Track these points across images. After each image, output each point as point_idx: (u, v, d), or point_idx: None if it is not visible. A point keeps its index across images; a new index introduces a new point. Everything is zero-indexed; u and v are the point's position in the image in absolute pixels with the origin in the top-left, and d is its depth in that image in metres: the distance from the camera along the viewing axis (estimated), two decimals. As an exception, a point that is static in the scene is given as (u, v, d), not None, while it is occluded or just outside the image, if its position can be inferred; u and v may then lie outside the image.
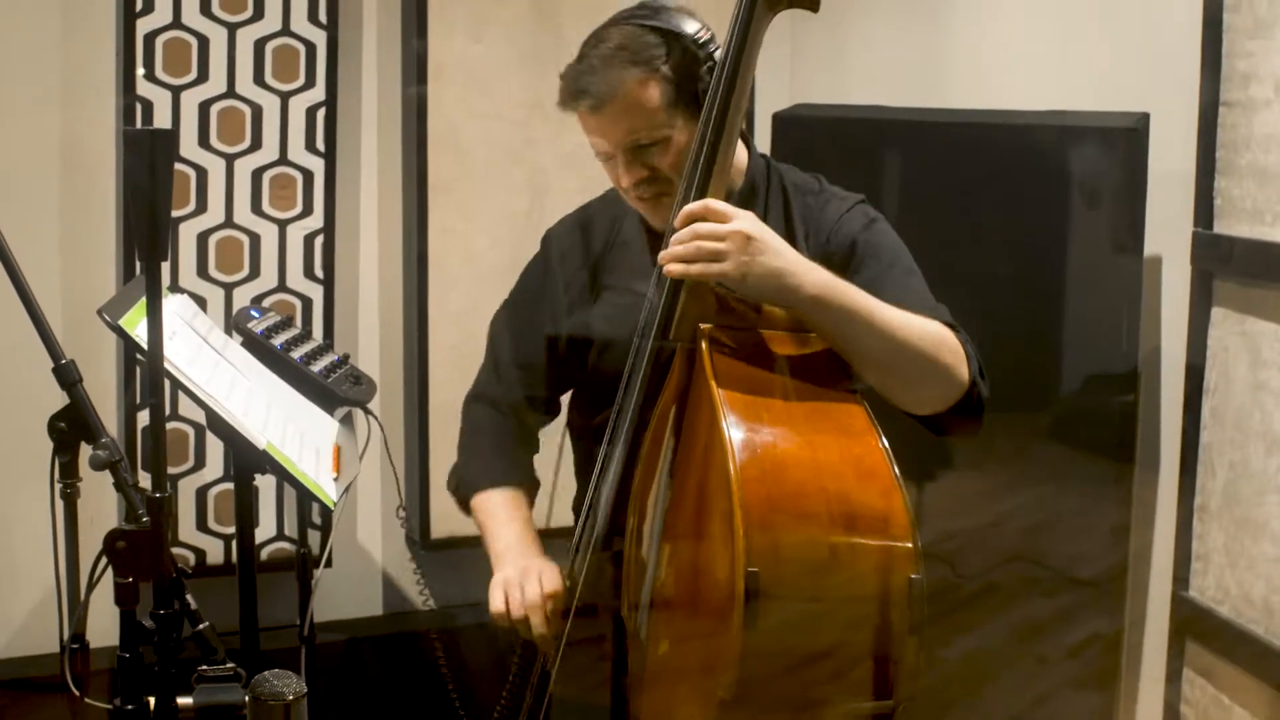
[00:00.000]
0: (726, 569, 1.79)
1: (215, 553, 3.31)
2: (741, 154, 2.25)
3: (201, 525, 3.29)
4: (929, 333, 2.02)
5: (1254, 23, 2.66)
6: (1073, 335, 3.08)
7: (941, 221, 3.12)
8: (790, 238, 2.15)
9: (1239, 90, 2.71)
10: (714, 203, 1.97)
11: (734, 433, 1.85)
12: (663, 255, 1.98)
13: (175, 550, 3.26)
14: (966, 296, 2.77)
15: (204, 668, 1.85)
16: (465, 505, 2.46)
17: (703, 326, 1.97)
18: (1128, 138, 2.93)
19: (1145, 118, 2.93)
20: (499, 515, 2.36)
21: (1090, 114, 3.01)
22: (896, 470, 1.88)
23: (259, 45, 3.23)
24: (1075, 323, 3.07)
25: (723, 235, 1.92)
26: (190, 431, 3.23)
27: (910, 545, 1.85)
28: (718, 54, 2.13)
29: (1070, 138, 3.03)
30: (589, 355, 2.41)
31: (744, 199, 2.21)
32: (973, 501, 3.20)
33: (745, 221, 1.94)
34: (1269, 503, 2.68)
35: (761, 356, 1.97)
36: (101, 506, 2.07)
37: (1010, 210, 3.07)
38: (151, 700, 1.86)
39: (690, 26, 2.16)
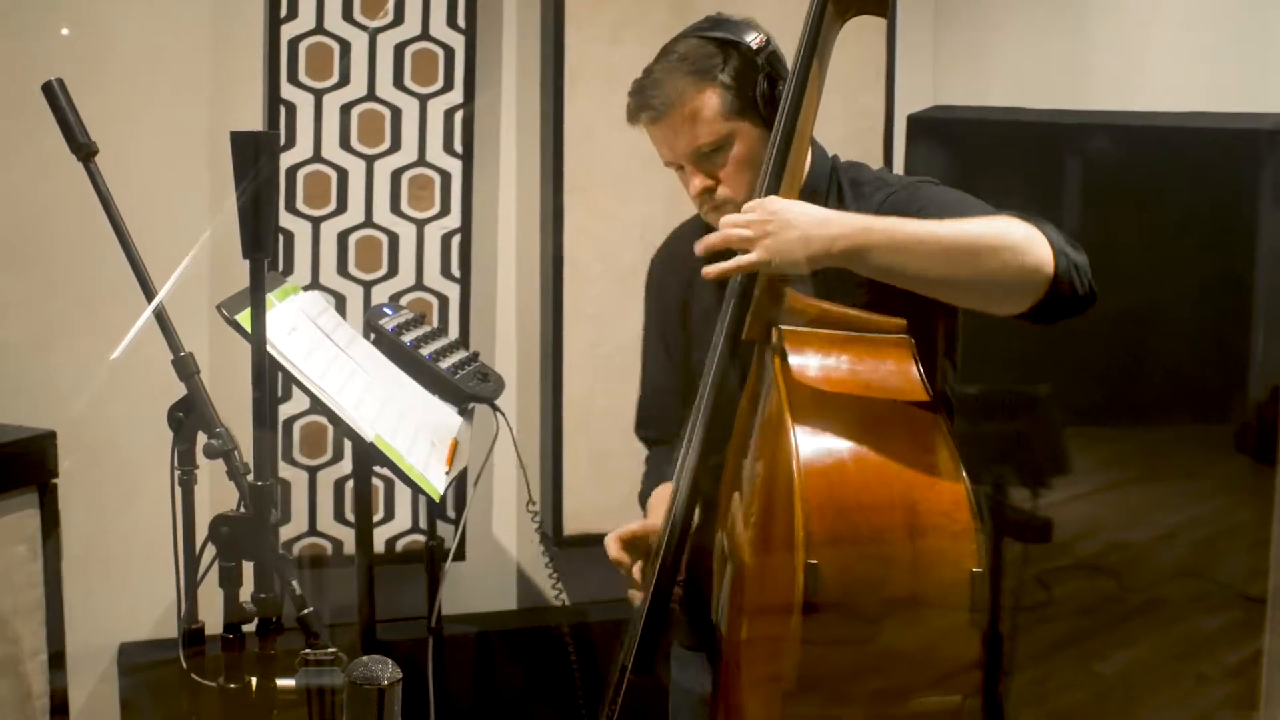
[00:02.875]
0: (788, 562, 1.82)
1: (351, 543, 3.39)
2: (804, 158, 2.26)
3: (339, 516, 3.38)
4: (989, 228, 1.97)
5: (1397, 21, 2.58)
6: (1226, 344, 3.00)
7: (1082, 226, 3.07)
8: None
9: (1383, 91, 2.63)
10: (734, 217, 2.02)
11: (799, 429, 1.87)
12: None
13: (313, 540, 3.36)
14: (1108, 301, 2.73)
15: (307, 651, 1.90)
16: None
17: (775, 328, 2.00)
18: (1273, 140, 2.85)
19: (1293, 119, 2.86)
20: (654, 504, 2.41)
21: (1234, 115, 2.94)
22: (961, 466, 1.88)
23: (399, 49, 3.30)
24: (1225, 329, 3.00)
25: (744, 224, 1.98)
26: (329, 426, 3.31)
27: (973, 538, 1.84)
28: (784, 61, 2.19)
29: (1213, 140, 2.96)
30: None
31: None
32: (1143, 513, 3.15)
33: (758, 207, 1.99)
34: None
35: (831, 357, 1.98)
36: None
37: (1155, 214, 3.01)
38: (253, 681, 1.92)
39: (749, 36, 2.20)
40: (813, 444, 1.87)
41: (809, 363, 1.96)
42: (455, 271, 3.41)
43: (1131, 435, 3.13)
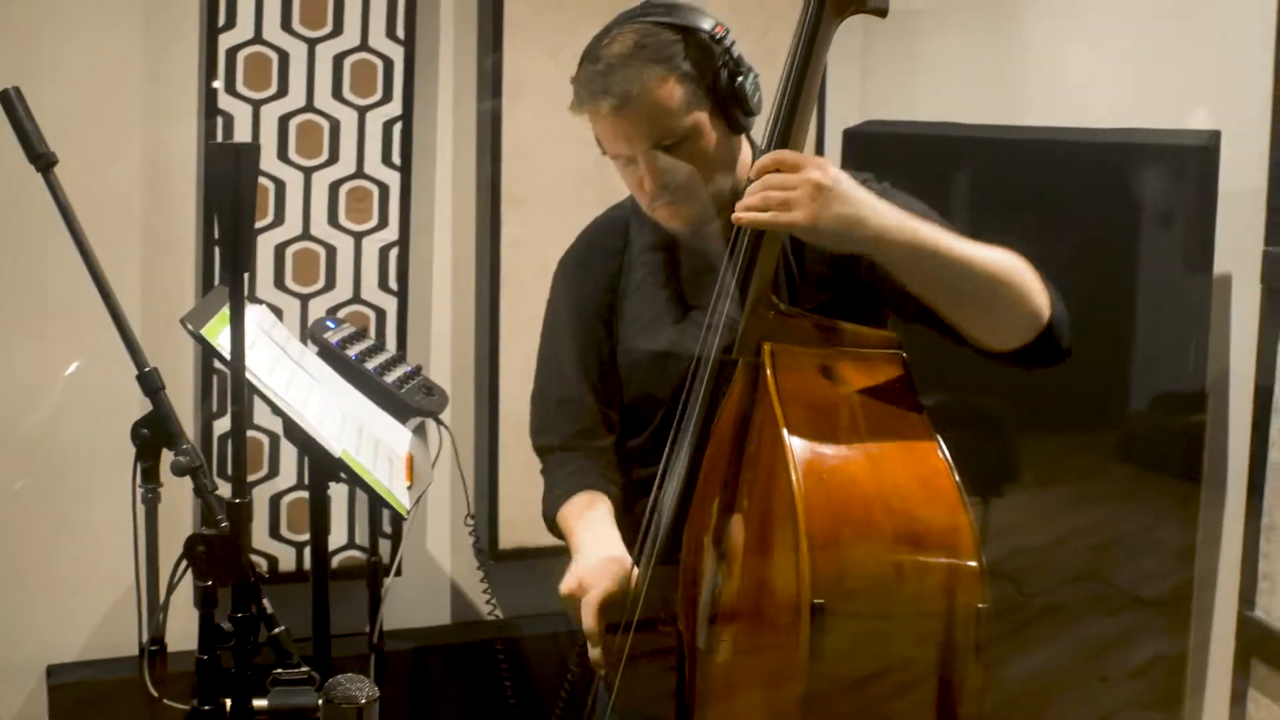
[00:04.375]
0: (791, 595, 1.76)
1: (287, 560, 3.35)
2: (746, 152, 2.22)
3: (274, 533, 3.34)
4: (1007, 261, 1.96)
5: (1327, 43, 2.66)
6: (1142, 354, 3.07)
7: (1010, 239, 3.12)
8: None
9: (1311, 110, 2.71)
10: (786, 153, 1.89)
11: (799, 456, 1.81)
12: (737, 207, 1.92)
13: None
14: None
15: (279, 671, 1.88)
16: (554, 527, 2.42)
17: (766, 345, 1.94)
18: (1199, 156, 2.92)
19: (1216, 136, 2.92)
20: (577, 520, 2.33)
21: (1161, 132, 3.00)
22: (963, 491, 1.83)
23: (338, 60, 3.27)
24: (1144, 341, 3.06)
25: (793, 185, 1.84)
26: (265, 440, 3.28)
27: (977, 572, 1.80)
28: (741, 54, 2.13)
29: (1141, 156, 3.03)
30: (620, 378, 2.41)
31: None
32: (1039, 519, 3.20)
33: (815, 170, 1.85)
34: (1338, 524, 2.67)
35: (825, 375, 1.94)
36: (170, 512, 2.13)
37: (1080, 228, 3.07)
38: (228, 702, 1.90)
39: (706, 23, 2.12)
40: (814, 474, 1.80)
41: (804, 384, 1.91)
42: (393, 284, 3.38)
43: (1023, 443, 3.19)
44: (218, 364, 3.14)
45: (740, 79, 2.12)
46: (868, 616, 1.79)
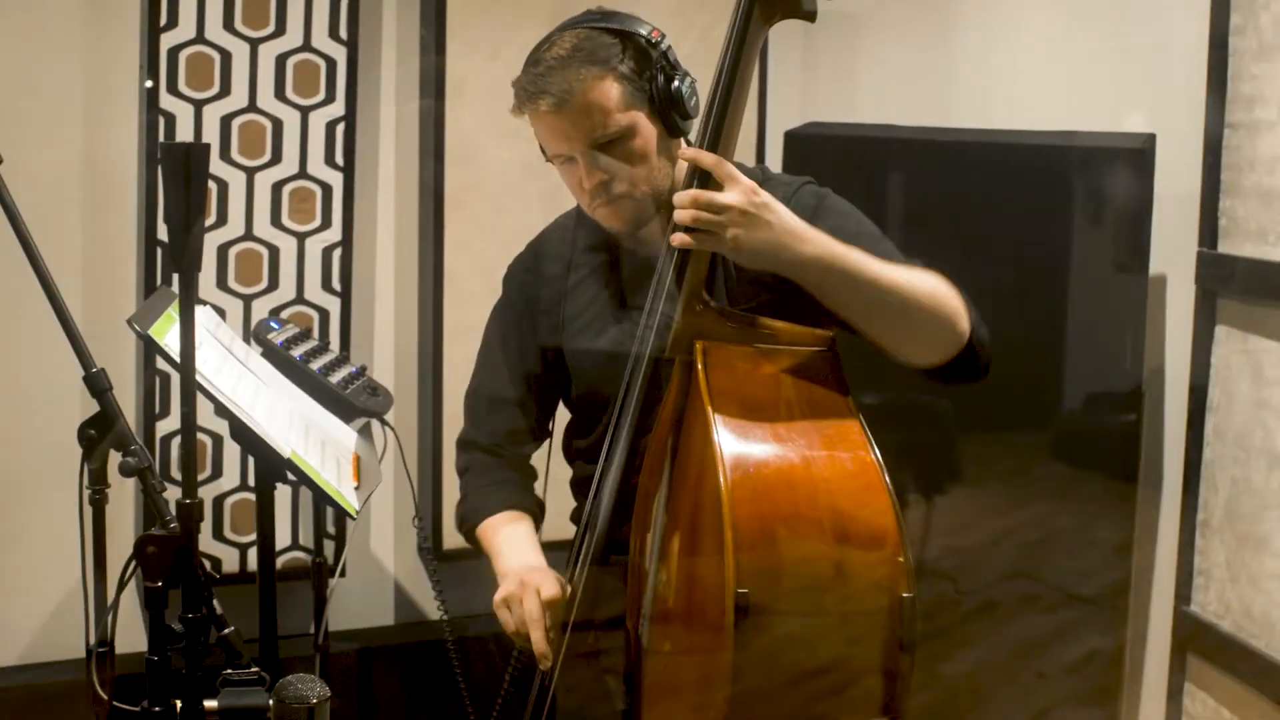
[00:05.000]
0: (718, 587, 1.80)
1: (231, 561, 3.34)
2: None
3: (218, 534, 3.32)
4: (928, 283, 2.02)
5: (1259, 46, 2.71)
6: (1077, 353, 3.12)
7: (948, 240, 3.16)
8: None
9: (1244, 112, 2.76)
10: (725, 166, 1.95)
11: (726, 451, 1.85)
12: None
13: (192, 558, 3.30)
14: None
15: (229, 671, 1.88)
16: (471, 538, 2.49)
17: (698, 343, 1.99)
18: (1134, 159, 2.97)
19: (1151, 139, 2.98)
20: (501, 535, 2.40)
21: (1097, 135, 3.05)
22: (891, 487, 1.88)
23: (280, 60, 3.25)
24: (1080, 341, 3.11)
25: (719, 208, 1.91)
26: (208, 441, 3.26)
27: (903, 564, 1.84)
28: (677, 59, 2.20)
29: (1077, 158, 3.07)
30: (565, 383, 2.45)
31: None
32: (975, 518, 3.23)
33: (739, 195, 1.92)
34: (1270, 519, 2.72)
35: (757, 372, 1.98)
36: (110, 513, 2.13)
37: (1017, 229, 3.11)
38: (178, 703, 1.90)
39: (643, 28, 2.20)
40: (741, 468, 1.85)
41: (735, 381, 1.95)
42: (336, 285, 3.37)
43: (960, 442, 3.22)
44: (161, 364, 3.12)
45: (676, 82, 2.19)
46: (793, 609, 1.83)
